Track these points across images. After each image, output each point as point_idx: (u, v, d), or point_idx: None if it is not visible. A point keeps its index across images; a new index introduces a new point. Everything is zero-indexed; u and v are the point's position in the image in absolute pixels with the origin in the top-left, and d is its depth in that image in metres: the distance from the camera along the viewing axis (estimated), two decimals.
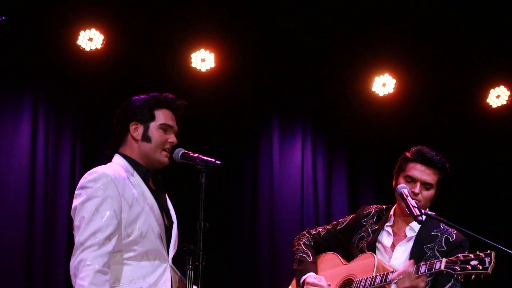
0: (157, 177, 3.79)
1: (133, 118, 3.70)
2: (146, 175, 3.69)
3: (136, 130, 3.70)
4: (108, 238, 3.45)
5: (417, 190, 4.15)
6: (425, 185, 4.16)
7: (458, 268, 3.75)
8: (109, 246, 3.45)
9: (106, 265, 3.42)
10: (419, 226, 4.18)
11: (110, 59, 6.57)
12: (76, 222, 3.52)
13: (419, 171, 4.16)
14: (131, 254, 3.55)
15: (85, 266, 3.38)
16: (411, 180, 4.16)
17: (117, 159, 3.71)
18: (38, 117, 6.41)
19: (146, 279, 3.55)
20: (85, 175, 3.60)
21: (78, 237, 3.47)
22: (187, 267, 3.46)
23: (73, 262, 3.44)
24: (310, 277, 4.30)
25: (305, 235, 4.57)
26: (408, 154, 4.23)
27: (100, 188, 3.51)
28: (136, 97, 3.77)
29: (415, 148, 4.24)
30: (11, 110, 6.37)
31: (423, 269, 3.88)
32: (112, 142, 3.77)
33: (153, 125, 3.70)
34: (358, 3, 6.73)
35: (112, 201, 3.50)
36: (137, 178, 3.65)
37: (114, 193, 3.52)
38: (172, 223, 3.73)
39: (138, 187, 3.62)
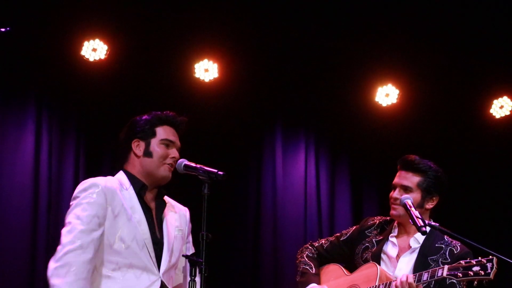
0: (162, 192, 3.82)
1: (135, 136, 3.77)
2: (142, 189, 3.72)
3: (138, 147, 3.76)
4: (92, 242, 3.53)
5: (394, 194, 4.17)
6: (405, 189, 4.17)
7: (460, 275, 3.75)
8: (91, 251, 3.51)
9: (90, 272, 3.49)
10: (423, 237, 4.17)
11: (114, 69, 6.58)
12: (63, 229, 3.62)
13: (398, 176, 4.23)
14: (114, 266, 3.58)
15: (70, 271, 3.45)
16: (393, 187, 4.20)
17: (118, 174, 3.79)
18: (41, 126, 6.42)
19: None
20: (78, 186, 3.72)
21: (62, 239, 3.55)
22: (190, 278, 3.47)
23: (55, 259, 3.49)
24: None
25: (308, 247, 4.57)
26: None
27: (87, 196, 3.62)
28: (138, 117, 3.84)
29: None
30: (15, 120, 6.38)
31: (425, 276, 3.87)
32: (117, 161, 3.86)
33: (154, 141, 3.75)
34: (361, 13, 6.73)
35: (98, 208, 3.59)
36: (130, 192, 3.70)
37: (100, 201, 3.60)
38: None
39: (128, 201, 3.67)
